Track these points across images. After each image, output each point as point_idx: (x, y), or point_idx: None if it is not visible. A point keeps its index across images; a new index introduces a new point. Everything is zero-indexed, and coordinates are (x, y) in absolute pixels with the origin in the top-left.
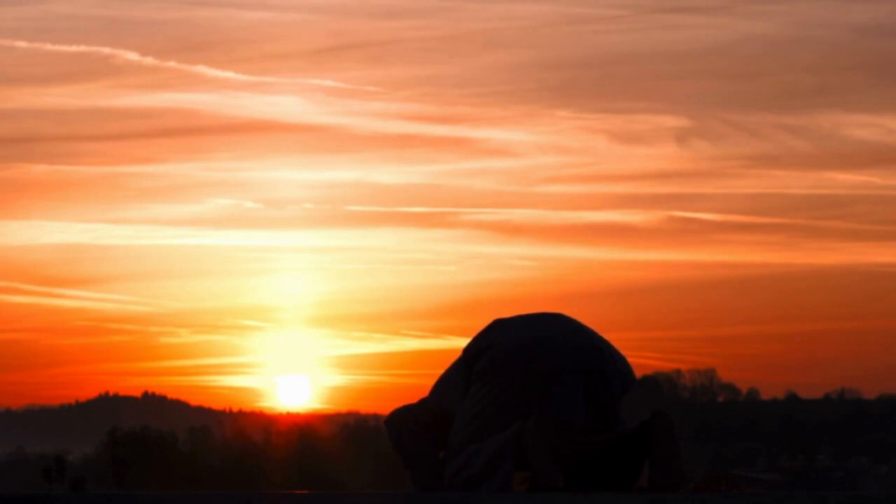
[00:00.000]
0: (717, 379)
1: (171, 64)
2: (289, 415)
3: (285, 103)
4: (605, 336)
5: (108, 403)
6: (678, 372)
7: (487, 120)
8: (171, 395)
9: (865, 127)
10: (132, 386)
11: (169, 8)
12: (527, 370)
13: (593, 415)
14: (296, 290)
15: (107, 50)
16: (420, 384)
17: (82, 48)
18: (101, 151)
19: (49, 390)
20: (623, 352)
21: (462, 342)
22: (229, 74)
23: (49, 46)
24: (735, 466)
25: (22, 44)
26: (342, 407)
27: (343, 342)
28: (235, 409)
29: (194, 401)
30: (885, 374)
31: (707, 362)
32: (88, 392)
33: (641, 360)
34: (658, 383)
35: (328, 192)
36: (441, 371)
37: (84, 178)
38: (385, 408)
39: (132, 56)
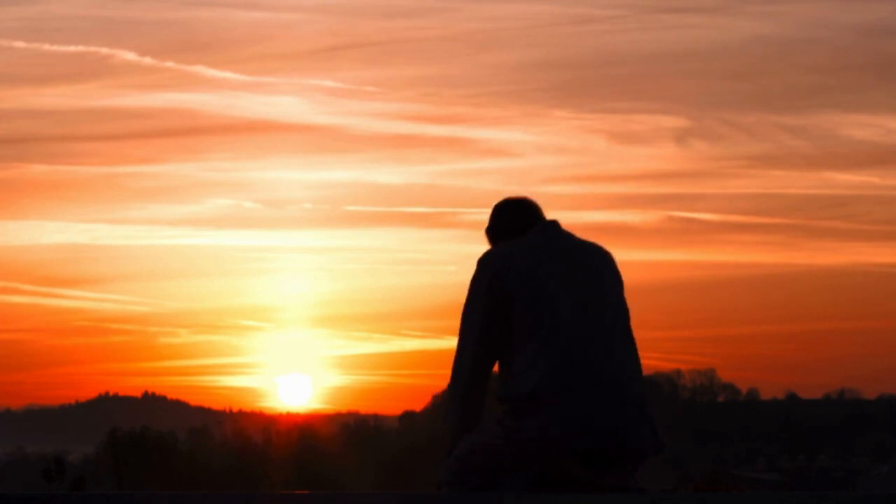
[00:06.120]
0: (717, 379)
1: (170, 64)
2: (289, 415)
3: (284, 103)
4: None
5: (108, 403)
6: (678, 372)
7: (487, 120)
8: (171, 395)
9: (865, 127)
10: (132, 386)
11: (167, 8)
12: None
13: None
14: (296, 290)
15: (105, 50)
16: (420, 384)
17: (80, 48)
18: (99, 151)
19: (49, 390)
20: None
21: None
22: (228, 74)
23: (47, 47)
24: (735, 466)
25: (20, 44)
26: (342, 407)
27: (343, 342)
28: (235, 409)
29: (194, 401)
30: (885, 374)
31: (707, 362)
32: (88, 392)
33: (642, 360)
34: (658, 383)
35: (328, 192)
36: (438, 371)
37: (83, 178)
38: (385, 408)
39: (130, 56)
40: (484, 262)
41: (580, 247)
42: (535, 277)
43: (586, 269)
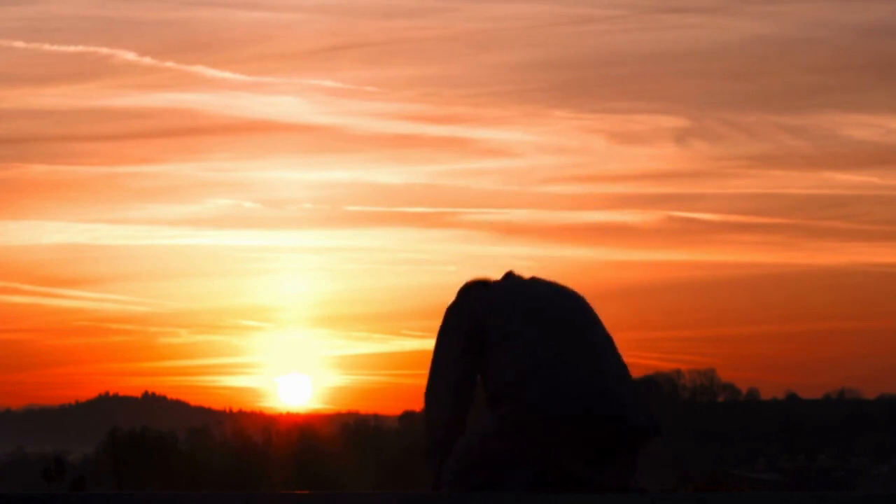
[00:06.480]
0: (717, 379)
1: (170, 64)
2: (289, 415)
3: (284, 103)
4: None
5: (108, 403)
6: (678, 372)
7: (486, 120)
8: (171, 395)
9: (865, 127)
10: (132, 386)
11: (167, 8)
12: None
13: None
14: (296, 290)
15: (105, 50)
16: (420, 384)
17: (80, 48)
18: (99, 151)
19: (49, 390)
20: (623, 352)
21: None
22: (228, 74)
23: (47, 47)
24: (735, 466)
25: (20, 44)
26: (342, 407)
27: (343, 342)
28: (235, 409)
29: (194, 401)
30: (885, 374)
31: (707, 362)
32: (88, 392)
33: (641, 360)
34: (658, 383)
35: (327, 192)
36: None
37: (83, 178)
38: (385, 408)
39: (130, 56)
40: (453, 308)
41: (546, 284)
42: (508, 310)
43: (555, 293)
